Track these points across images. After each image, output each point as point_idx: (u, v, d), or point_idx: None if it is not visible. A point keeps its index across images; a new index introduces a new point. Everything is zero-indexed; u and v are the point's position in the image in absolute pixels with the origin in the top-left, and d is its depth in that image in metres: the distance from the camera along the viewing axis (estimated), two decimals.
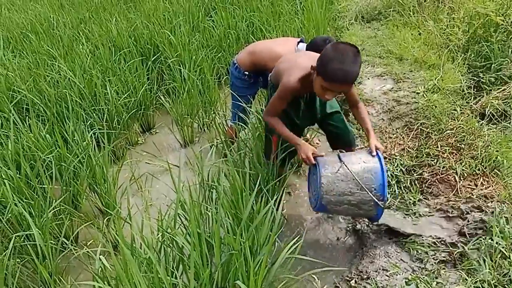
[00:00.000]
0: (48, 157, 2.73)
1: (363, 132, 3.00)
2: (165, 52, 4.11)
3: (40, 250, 2.22)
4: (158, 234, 2.03)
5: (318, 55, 2.11)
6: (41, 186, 2.55)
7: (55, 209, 2.44)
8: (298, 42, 2.81)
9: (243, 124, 2.96)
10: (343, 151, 2.11)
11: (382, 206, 1.98)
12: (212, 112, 3.64)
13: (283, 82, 2.12)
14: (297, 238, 2.06)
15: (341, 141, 2.43)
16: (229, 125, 3.16)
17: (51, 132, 3.03)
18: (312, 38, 2.77)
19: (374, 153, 2.04)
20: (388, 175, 2.62)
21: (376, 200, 1.95)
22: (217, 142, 2.98)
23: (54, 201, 2.46)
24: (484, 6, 3.62)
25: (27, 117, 3.29)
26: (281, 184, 2.64)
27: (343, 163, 1.99)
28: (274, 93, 2.31)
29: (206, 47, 4.31)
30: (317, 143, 3.04)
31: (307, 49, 2.66)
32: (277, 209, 2.26)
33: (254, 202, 2.04)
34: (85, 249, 2.21)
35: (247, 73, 2.95)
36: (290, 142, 2.20)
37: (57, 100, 3.43)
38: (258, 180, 2.20)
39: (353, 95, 2.24)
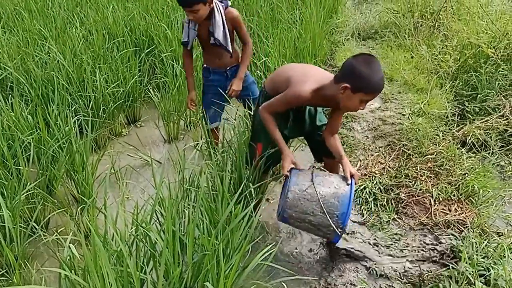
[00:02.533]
0: (27, 139, 2.68)
1: (347, 148, 3.04)
2: (160, 45, 4.09)
3: (8, 232, 2.17)
4: (132, 228, 2.01)
5: (328, 74, 2.16)
6: (17, 167, 2.50)
7: (28, 192, 2.39)
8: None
9: (212, 125, 2.92)
10: (323, 169, 2.12)
11: (339, 233, 2.00)
12: (200, 111, 3.63)
13: (294, 89, 2.09)
14: (271, 245, 2.06)
15: (327, 152, 2.41)
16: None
17: (33, 113, 2.97)
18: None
19: (349, 181, 2.05)
20: (366, 191, 2.66)
21: (334, 227, 1.96)
22: (202, 142, 2.97)
23: (28, 184, 2.41)
24: (478, 37, 3.71)
25: (10, 96, 3.22)
26: (261, 190, 2.65)
27: (313, 183, 2.01)
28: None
29: None
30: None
31: None
32: (254, 215, 2.26)
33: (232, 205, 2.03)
34: (55, 235, 2.17)
35: (204, 65, 2.89)
36: (278, 146, 2.22)
37: (43, 81, 3.37)
38: (241, 184, 2.20)
39: (339, 120, 2.26)
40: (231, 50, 2.73)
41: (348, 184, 2.03)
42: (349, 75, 1.96)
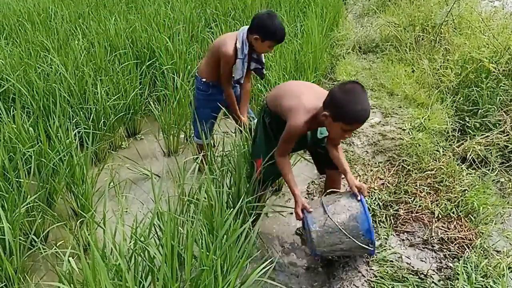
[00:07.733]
0: (28, 151, 2.69)
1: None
2: (161, 58, 4.11)
3: (8, 245, 2.17)
4: (130, 242, 2.01)
5: (322, 90, 2.18)
6: (17, 179, 2.50)
7: (28, 205, 2.39)
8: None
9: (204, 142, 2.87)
10: (328, 197, 2.19)
11: (372, 248, 2.06)
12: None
13: (290, 125, 2.12)
14: (270, 260, 2.06)
15: (330, 163, 2.40)
16: (195, 142, 3.15)
17: (35, 125, 2.98)
18: (255, 15, 2.74)
19: (358, 197, 2.09)
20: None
21: (365, 246, 2.04)
22: (201, 156, 2.97)
23: (28, 196, 2.42)
24: (479, 51, 3.71)
25: (12, 108, 3.24)
26: (259, 205, 2.65)
27: (328, 215, 2.06)
28: (267, 118, 2.33)
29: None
30: None
31: (250, 27, 2.69)
32: (253, 231, 2.26)
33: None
34: (54, 249, 2.17)
35: (204, 80, 2.90)
36: (289, 189, 2.25)
37: (45, 93, 3.39)
38: (240, 200, 2.19)
39: None
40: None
41: (358, 201, 2.09)
42: (329, 103, 1.99)
